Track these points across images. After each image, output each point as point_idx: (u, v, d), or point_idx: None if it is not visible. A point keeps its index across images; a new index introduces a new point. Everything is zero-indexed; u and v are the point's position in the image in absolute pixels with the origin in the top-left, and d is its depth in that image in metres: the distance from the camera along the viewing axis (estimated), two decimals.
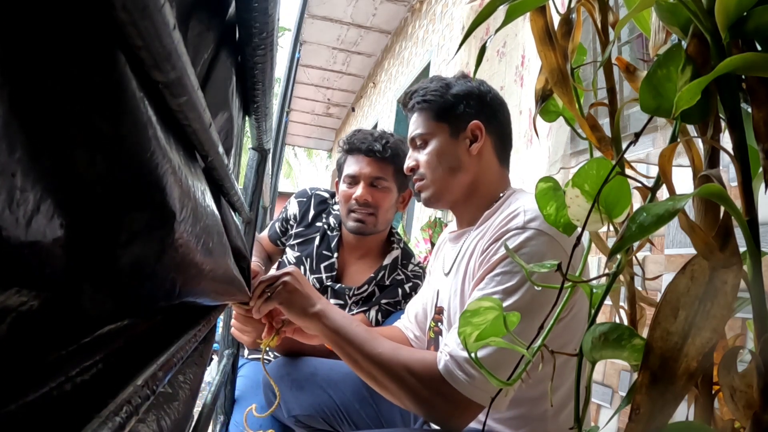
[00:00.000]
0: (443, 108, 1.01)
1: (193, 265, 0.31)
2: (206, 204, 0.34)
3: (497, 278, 0.82)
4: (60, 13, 0.16)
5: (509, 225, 0.85)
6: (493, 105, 1.03)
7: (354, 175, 1.40)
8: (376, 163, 1.39)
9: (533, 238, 0.82)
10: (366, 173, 1.39)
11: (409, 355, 0.85)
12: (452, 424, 0.80)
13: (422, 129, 1.02)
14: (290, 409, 1.13)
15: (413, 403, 0.82)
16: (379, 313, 1.44)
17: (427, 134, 1.02)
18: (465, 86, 1.02)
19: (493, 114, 1.03)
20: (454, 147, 1.00)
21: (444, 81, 1.04)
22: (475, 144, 0.99)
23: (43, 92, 0.15)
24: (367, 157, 1.39)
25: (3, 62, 0.13)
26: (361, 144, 1.40)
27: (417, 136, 1.03)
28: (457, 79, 1.05)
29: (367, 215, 1.39)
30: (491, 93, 1.04)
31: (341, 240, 1.48)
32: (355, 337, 0.88)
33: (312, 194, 1.55)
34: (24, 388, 0.18)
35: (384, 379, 0.84)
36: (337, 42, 5.57)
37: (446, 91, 1.02)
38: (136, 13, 0.17)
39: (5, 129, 0.13)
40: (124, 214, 0.21)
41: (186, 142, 0.31)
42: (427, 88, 1.03)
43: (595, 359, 0.39)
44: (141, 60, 0.20)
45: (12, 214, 0.14)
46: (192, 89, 0.25)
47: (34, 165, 0.15)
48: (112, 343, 0.27)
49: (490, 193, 1.01)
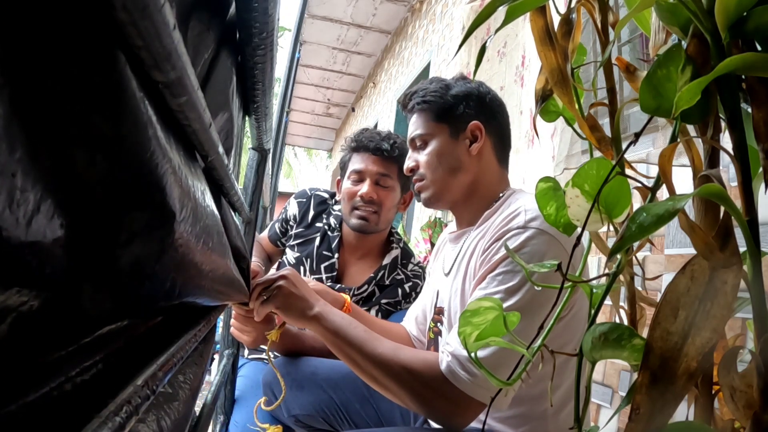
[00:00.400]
0: (443, 109, 1.01)
1: (193, 265, 0.31)
2: (206, 204, 0.34)
3: (499, 278, 0.82)
4: (60, 13, 0.16)
5: (510, 224, 0.86)
6: (493, 106, 1.04)
7: (360, 171, 1.41)
8: (382, 161, 1.41)
9: (534, 237, 0.82)
10: (372, 170, 1.40)
11: (410, 355, 0.85)
12: (454, 423, 0.80)
13: (422, 130, 1.03)
14: (290, 408, 1.13)
15: (415, 402, 0.82)
16: (379, 312, 1.44)
17: (426, 135, 1.02)
18: (464, 87, 1.03)
19: (492, 115, 1.03)
20: (454, 147, 1.00)
21: (444, 82, 1.05)
22: (475, 144, 1.00)
23: (44, 92, 0.15)
24: (374, 155, 1.41)
25: (3, 62, 0.13)
26: (369, 142, 1.41)
27: (417, 137, 1.04)
28: (456, 81, 1.05)
29: (371, 213, 1.39)
30: (490, 94, 1.04)
31: (342, 240, 1.48)
32: (354, 339, 0.87)
33: (312, 195, 1.55)
34: (24, 388, 0.18)
35: (385, 380, 0.84)
36: (337, 42, 5.57)
37: (446, 92, 1.02)
38: (136, 13, 0.18)
39: (6, 129, 0.13)
40: (124, 214, 0.21)
41: (186, 142, 0.31)
42: (426, 89, 1.04)
43: (595, 359, 0.39)
44: (141, 60, 0.20)
45: (12, 214, 0.14)
46: (192, 89, 0.25)
47: (34, 165, 0.15)
48: (112, 344, 0.27)
49: (490, 193, 1.01)
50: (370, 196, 1.38)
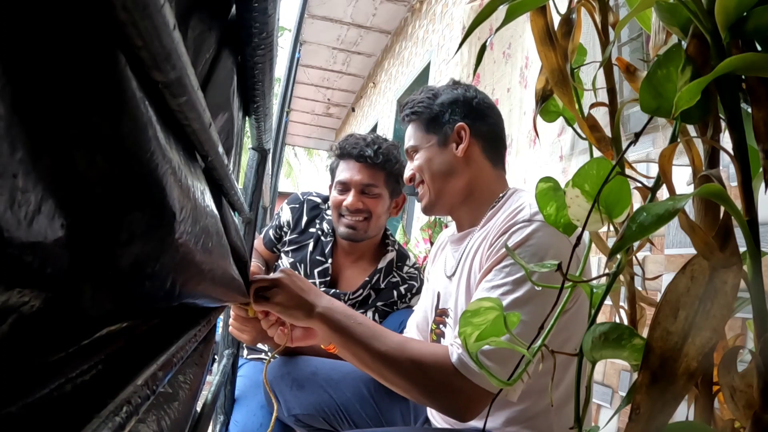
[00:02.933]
0: (431, 118, 1.04)
1: (193, 265, 0.31)
2: (206, 204, 0.34)
3: (506, 269, 0.83)
4: (60, 13, 0.16)
5: (516, 218, 0.86)
6: (480, 108, 1.04)
7: (345, 182, 1.38)
8: (367, 169, 1.38)
9: (540, 229, 0.83)
10: (357, 180, 1.37)
11: (419, 348, 0.84)
12: (468, 415, 0.80)
13: (413, 141, 1.06)
14: (290, 408, 1.13)
15: (426, 397, 0.82)
16: (376, 314, 1.43)
17: (418, 145, 1.05)
18: (451, 94, 1.05)
19: (479, 117, 1.03)
20: (443, 153, 1.02)
21: (432, 91, 1.07)
22: (461, 146, 1.01)
23: (44, 92, 0.15)
24: (358, 162, 1.38)
25: (4, 62, 0.13)
26: (352, 149, 1.38)
27: (410, 148, 1.07)
28: (445, 88, 1.07)
29: (359, 221, 1.37)
30: (478, 98, 1.05)
31: (335, 245, 1.47)
32: (360, 336, 0.85)
33: (304, 200, 1.54)
34: (25, 389, 0.18)
35: (394, 377, 0.83)
36: (337, 42, 5.57)
37: (433, 101, 1.05)
38: (137, 13, 0.18)
39: (7, 130, 0.13)
40: (124, 214, 0.21)
41: (186, 142, 0.31)
42: (415, 100, 1.06)
43: (595, 359, 0.39)
44: (141, 60, 0.20)
45: (14, 215, 0.14)
46: (192, 89, 0.25)
47: (35, 166, 0.15)
48: (112, 344, 0.27)
49: (488, 194, 1.02)
50: (355, 207, 1.36)
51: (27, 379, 0.19)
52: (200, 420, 0.79)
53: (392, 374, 0.83)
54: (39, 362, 0.19)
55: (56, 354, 0.20)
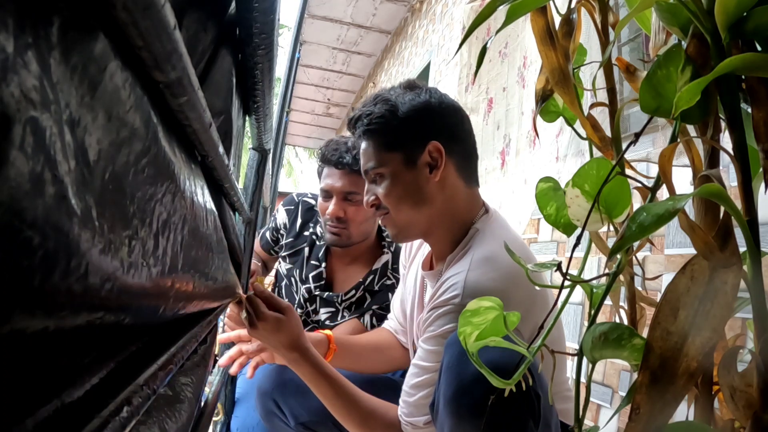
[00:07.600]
0: (392, 135, 0.88)
1: (193, 265, 0.31)
2: (205, 204, 0.34)
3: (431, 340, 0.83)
4: (60, 12, 0.16)
5: (446, 296, 0.81)
6: (449, 117, 0.91)
7: (327, 190, 1.36)
8: (348, 176, 1.34)
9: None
10: (338, 188, 1.34)
11: (371, 408, 0.90)
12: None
13: (373, 162, 0.90)
14: (298, 416, 1.10)
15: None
16: (373, 317, 1.43)
17: (380, 168, 0.89)
18: (413, 104, 0.88)
19: (450, 129, 0.90)
20: (413, 177, 0.88)
21: (389, 102, 0.90)
22: (436, 170, 0.88)
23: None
24: (338, 170, 1.34)
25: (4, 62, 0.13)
26: (332, 156, 1.35)
27: (370, 170, 0.91)
28: (403, 95, 0.90)
29: (342, 229, 1.36)
30: (444, 103, 0.91)
31: (329, 248, 1.47)
32: (323, 394, 0.92)
33: (299, 201, 1.54)
34: (27, 397, 0.18)
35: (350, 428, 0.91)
36: (337, 42, 5.57)
37: (393, 115, 0.88)
38: (137, 13, 0.18)
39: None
40: (124, 214, 0.21)
41: (186, 142, 0.31)
42: (372, 114, 0.89)
43: (595, 359, 0.39)
44: (141, 60, 0.20)
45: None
46: (192, 89, 0.25)
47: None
48: (112, 344, 0.27)
49: (462, 219, 0.92)
50: (336, 215, 1.34)
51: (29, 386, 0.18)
52: (201, 420, 0.79)
53: (348, 426, 0.91)
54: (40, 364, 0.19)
55: (57, 355, 0.20)
